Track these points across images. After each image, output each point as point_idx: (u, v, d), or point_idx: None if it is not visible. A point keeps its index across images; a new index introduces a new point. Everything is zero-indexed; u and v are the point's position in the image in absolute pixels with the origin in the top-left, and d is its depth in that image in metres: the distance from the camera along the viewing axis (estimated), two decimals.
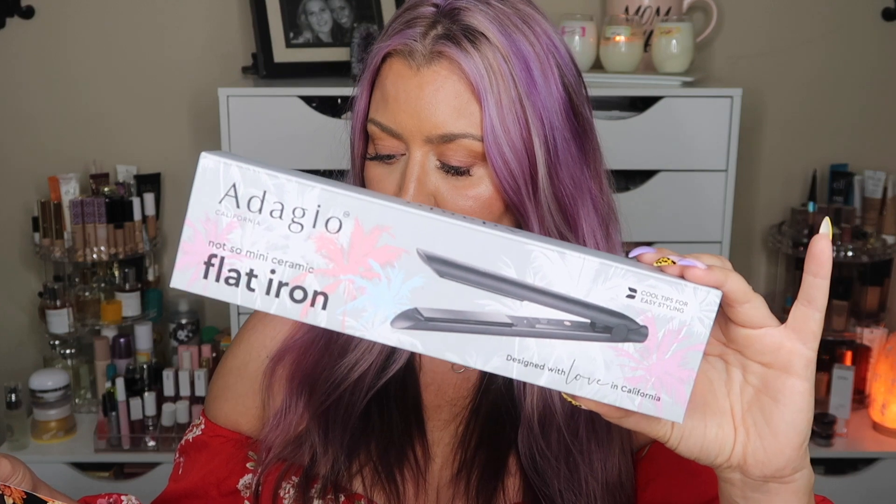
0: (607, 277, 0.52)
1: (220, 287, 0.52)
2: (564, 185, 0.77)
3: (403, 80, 0.75)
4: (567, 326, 0.52)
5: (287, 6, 2.09)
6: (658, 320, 0.52)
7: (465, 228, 0.52)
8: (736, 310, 0.54)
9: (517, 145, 0.74)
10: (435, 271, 0.52)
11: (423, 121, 0.74)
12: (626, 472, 0.84)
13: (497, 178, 0.75)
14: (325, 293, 0.52)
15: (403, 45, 0.75)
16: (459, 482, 0.84)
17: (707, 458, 0.58)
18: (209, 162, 0.51)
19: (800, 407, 0.56)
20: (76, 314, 2.17)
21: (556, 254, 0.52)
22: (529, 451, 0.82)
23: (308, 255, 0.52)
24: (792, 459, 0.57)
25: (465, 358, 0.53)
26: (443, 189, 0.76)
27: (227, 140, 1.91)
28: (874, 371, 2.19)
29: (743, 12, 2.25)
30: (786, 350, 0.55)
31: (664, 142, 1.93)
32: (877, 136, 2.31)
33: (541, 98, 0.75)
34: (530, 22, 0.76)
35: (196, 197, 0.52)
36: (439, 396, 0.88)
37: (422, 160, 0.75)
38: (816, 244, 0.55)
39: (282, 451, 0.86)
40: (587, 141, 0.80)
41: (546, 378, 0.53)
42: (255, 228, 0.52)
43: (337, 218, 0.51)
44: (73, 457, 2.08)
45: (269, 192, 0.51)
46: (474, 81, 0.73)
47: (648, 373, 0.53)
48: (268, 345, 0.91)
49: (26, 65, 2.24)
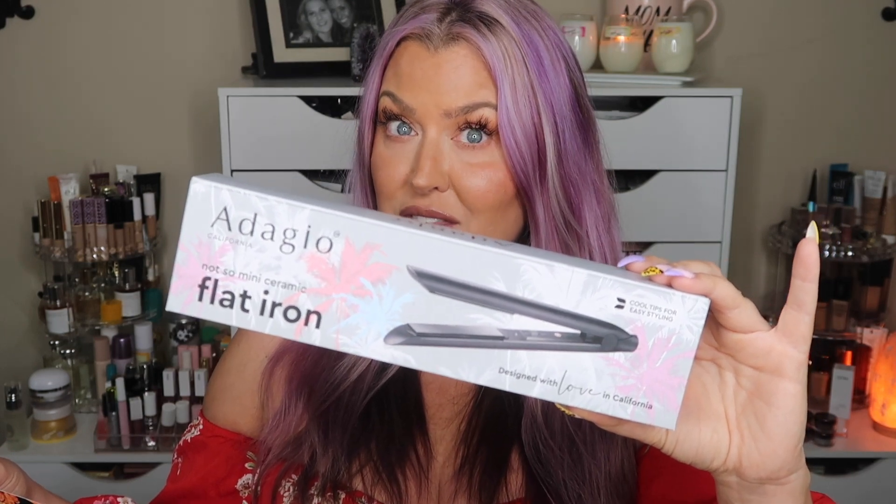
0: (596, 288, 0.52)
1: (215, 309, 0.53)
2: (571, 173, 0.79)
3: (420, 60, 0.76)
4: (557, 338, 0.53)
5: (287, 6, 2.09)
6: (647, 329, 0.53)
7: (455, 244, 0.52)
8: (726, 315, 0.55)
9: (528, 129, 0.76)
10: (426, 287, 0.52)
11: (443, 95, 0.75)
12: (628, 465, 0.85)
13: (510, 159, 0.76)
14: (319, 312, 0.53)
15: (420, 28, 0.77)
16: (462, 479, 0.84)
17: (703, 462, 0.58)
18: (200, 187, 0.52)
19: (792, 409, 0.56)
20: (76, 314, 2.17)
21: (545, 266, 0.52)
22: (533, 442, 0.83)
23: (300, 275, 0.52)
24: (787, 461, 0.57)
25: (457, 372, 0.53)
26: (457, 168, 0.77)
27: (227, 140, 1.91)
28: (874, 371, 2.19)
29: (743, 12, 2.25)
30: (776, 353, 0.56)
31: (664, 142, 1.93)
32: (877, 136, 2.31)
33: (551, 86, 0.77)
34: (538, 16, 0.79)
35: (188, 221, 0.52)
36: (441, 395, 0.88)
37: (436, 138, 0.76)
38: (803, 248, 0.55)
39: (281, 452, 0.86)
40: (591, 134, 0.82)
41: (538, 389, 0.53)
42: (248, 250, 0.52)
43: (327, 238, 0.52)
44: (73, 457, 2.08)
45: (259, 215, 0.52)
46: (491, 63, 0.75)
47: (639, 381, 0.53)
48: (266, 345, 0.91)
49: (26, 65, 2.24)
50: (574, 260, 0.54)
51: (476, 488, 0.83)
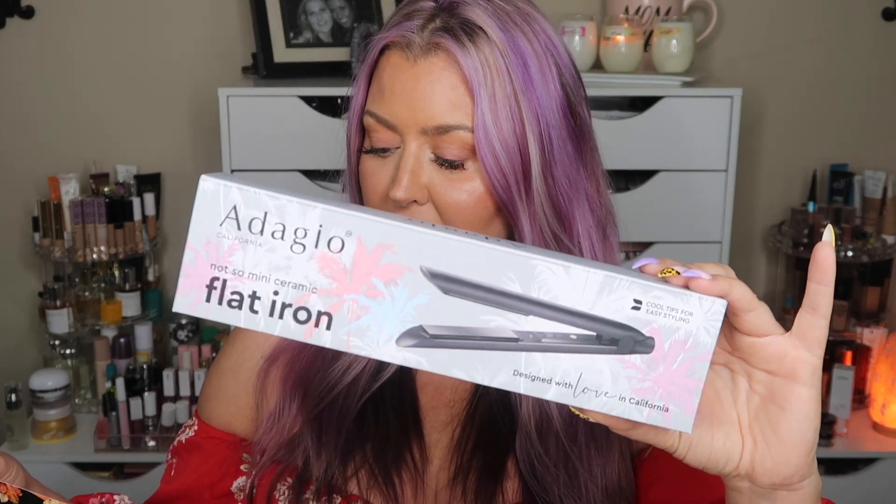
0: (612, 290, 0.52)
1: (223, 310, 0.52)
2: (559, 184, 0.77)
3: (400, 71, 0.75)
4: (573, 340, 0.52)
5: (287, 6, 2.09)
6: (664, 331, 0.52)
7: (469, 244, 0.51)
8: (741, 318, 0.54)
9: (509, 142, 0.74)
10: (439, 288, 0.51)
11: (419, 112, 0.74)
12: (625, 477, 0.84)
13: (489, 177, 0.74)
14: (329, 313, 0.52)
15: (401, 36, 0.76)
16: (457, 486, 0.83)
17: (715, 467, 0.58)
18: (209, 185, 0.51)
19: (806, 414, 0.55)
20: (76, 314, 2.17)
21: (560, 267, 0.52)
22: (528, 458, 0.82)
23: (311, 275, 0.51)
24: (800, 467, 0.57)
25: (471, 374, 0.52)
26: (436, 182, 0.76)
27: (227, 140, 1.91)
28: (874, 371, 2.19)
29: (743, 12, 2.25)
30: (791, 358, 0.55)
31: (664, 142, 1.93)
32: (877, 136, 2.31)
33: (537, 95, 0.75)
34: (529, 20, 0.76)
35: (196, 220, 0.51)
36: (436, 398, 0.87)
37: (416, 152, 0.75)
38: (820, 252, 0.54)
39: (276, 454, 0.86)
40: (584, 141, 0.80)
41: (553, 392, 0.53)
42: (257, 250, 0.51)
43: (339, 237, 0.51)
44: (73, 457, 2.07)
45: (270, 214, 0.51)
46: (468, 75, 0.73)
47: (656, 384, 0.53)
48: (262, 345, 0.90)
49: (26, 65, 2.24)
50: (590, 262, 0.53)
51: (472, 495, 0.82)
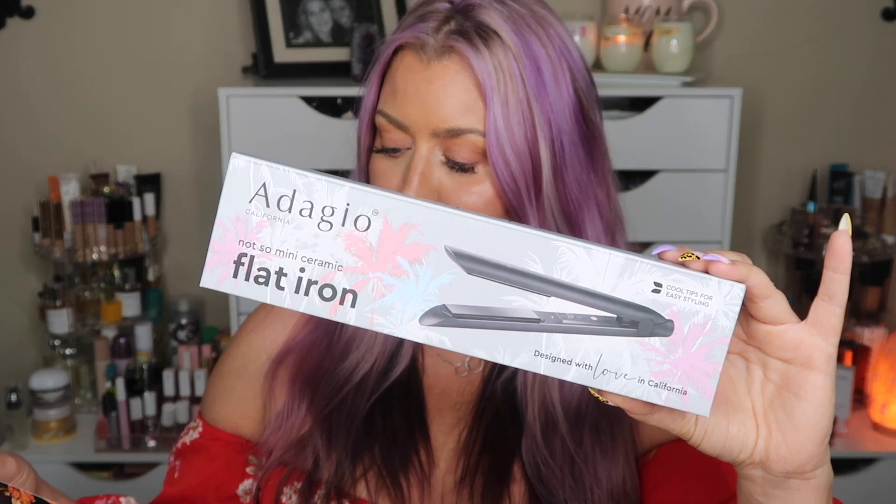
0: (633, 272, 0.52)
1: (250, 286, 0.53)
2: (570, 189, 0.77)
3: (413, 73, 0.75)
4: (594, 321, 0.53)
5: (287, 6, 2.09)
6: (683, 314, 0.53)
7: (493, 225, 0.52)
8: (758, 305, 0.55)
9: (520, 146, 0.74)
10: (463, 268, 0.52)
11: (431, 114, 0.74)
12: (630, 481, 0.84)
13: (499, 182, 0.74)
14: (354, 291, 0.52)
15: (415, 38, 0.76)
16: (463, 489, 0.83)
17: (729, 455, 0.58)
18: (240, 162, 0.52)
19: (821, 401, 0.56)
20: (76, 314, 2.17)
21: (582, 249, 0.52)
22: (533, 461, 0.82)
23: (337, 253, 0.52)
24: (814, 455, 0.57)
25: (493, 354, 0.53)
26: (447, 184, 0.76)
27: (227, 140, 1.91)
28: (874, 371, 2.19)
29: (743, 12, 2.25)
30: (807, 346, 0.55)
31: (664, 142, 1.93)
32: (877, 136, 2.32)
33: (550, 100, 0.75)
34: (544, 24, 0.76)
35: (227, 196, 0.52)
36: (443, 400, 0.87)
37: (427, 154, 0.75)
38: (836, 240, 0.55)
39: (283, 455, 0.85)
40: (596, 146, 0.80)
41: (573, 373, 0.53)
42: (285, 227, 0.52)
43: (366, 216, 0.52)
44: (73, 457, 2.07)
45: (298, 192, 0.52)
46: (481, 79, 0.73)
47: (675, 367, 0.53)
48: (268, 346, 0.90)
49: (26, 65, 2.24)
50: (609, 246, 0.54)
51: (478, 499, 0.82)
